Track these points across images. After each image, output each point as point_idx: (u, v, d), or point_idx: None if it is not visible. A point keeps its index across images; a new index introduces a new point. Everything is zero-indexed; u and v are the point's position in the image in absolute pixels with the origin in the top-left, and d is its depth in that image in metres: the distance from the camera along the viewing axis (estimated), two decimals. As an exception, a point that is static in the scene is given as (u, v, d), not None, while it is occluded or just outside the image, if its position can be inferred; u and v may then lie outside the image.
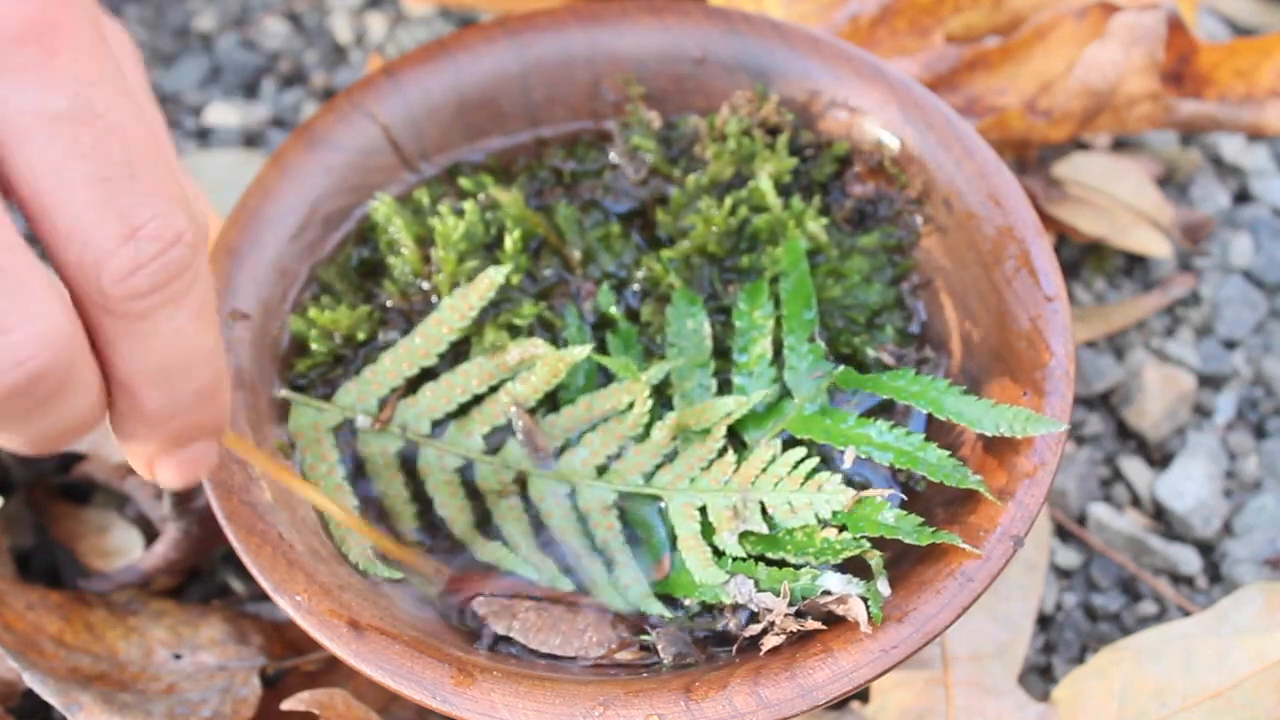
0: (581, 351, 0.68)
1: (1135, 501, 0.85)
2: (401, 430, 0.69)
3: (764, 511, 0.65)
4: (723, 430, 0.68)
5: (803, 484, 0.64)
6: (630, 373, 0.68)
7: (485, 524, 0.69)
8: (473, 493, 0.69)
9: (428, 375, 0.70)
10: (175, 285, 0.47)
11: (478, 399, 0.70)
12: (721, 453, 0.67)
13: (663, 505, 0.68)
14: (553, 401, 0.71)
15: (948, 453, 0.63)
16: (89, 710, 0.67)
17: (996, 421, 0.62)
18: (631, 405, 0.68)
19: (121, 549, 0.80)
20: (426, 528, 0.69)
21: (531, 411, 0.69)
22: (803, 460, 0.65)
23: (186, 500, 0.78)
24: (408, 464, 0.70)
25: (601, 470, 0.69)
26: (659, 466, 0.68)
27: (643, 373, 0.69)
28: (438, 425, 0.70)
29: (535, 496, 0.69)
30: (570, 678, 0.61)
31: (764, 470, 0.66)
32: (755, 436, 0.69)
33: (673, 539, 0.67)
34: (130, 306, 0.46)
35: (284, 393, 0.69)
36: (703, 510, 0.66)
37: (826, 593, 0.60)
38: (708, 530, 0.66)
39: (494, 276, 0.69)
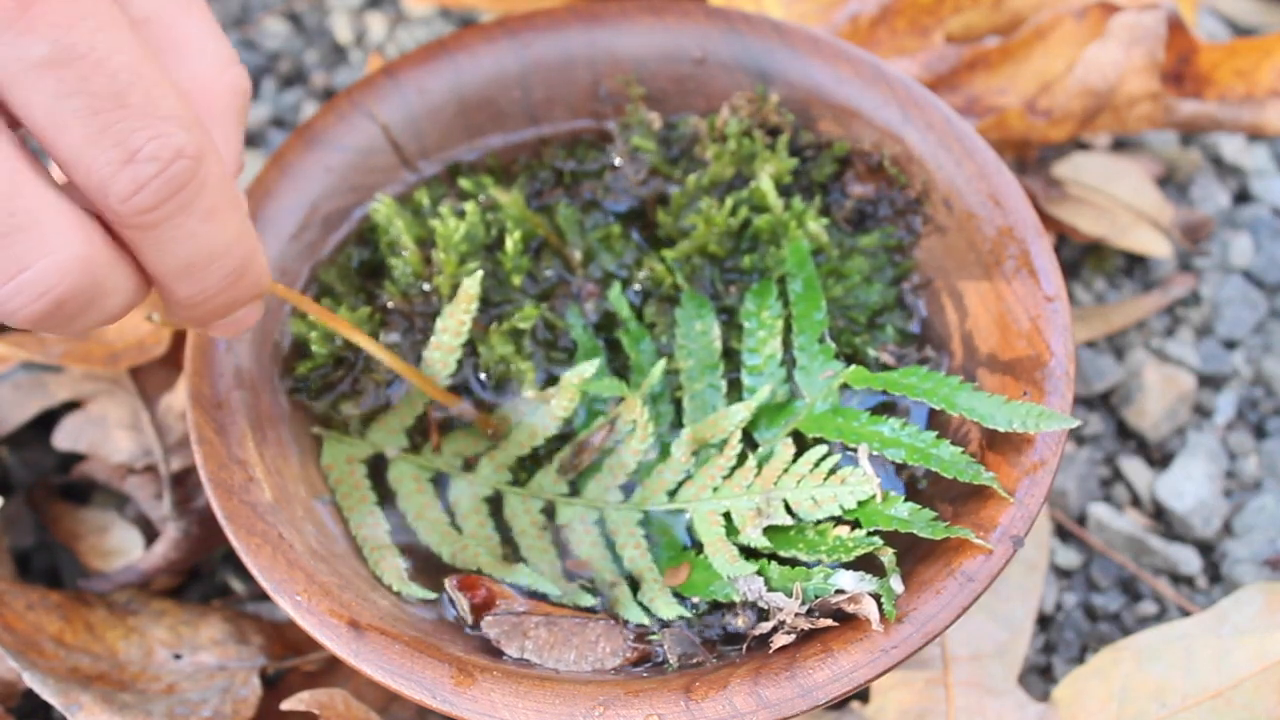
0: (589, 368, 0.69)
1: (1135, 501, 0.85)
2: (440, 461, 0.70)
3: (788, 508, 0.65)
4: (738, 437, 0.68)
5: (825, 479, 0.64)
6: (621, 390, 0.69)
7: (514, 551, 0.69)
8: (500, 522, 0.70)
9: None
10: (180, 196, 0.50)
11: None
12: (741, 459, 0.68)
13: (687, 517, 0.68)
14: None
15: (960, 449, 0.63)
16: (89, 710, 0.67)
17: (1009, 417, 0.62)
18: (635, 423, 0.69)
19: (121, 549, 0.80)
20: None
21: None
22: (824, 458, 0.65)
23: (186, 500, 0.78)
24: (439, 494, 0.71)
25: (627, 490, 0.69)
26: (681, 483, 0.69)
27: (638, 385, 0.69)
28: (468, 459, 0.71)
29: (563, 523, 0.69)
30: (570, 678, 0.61)
31: (785, 471, 0.66)
32: (766, 436, 0.69)
33: (696, 545, 0.67)
34: (141, 220, 0.50)
35: (316, 429, 0.70)
36: (726, 515, 0.66)
37: (840, 591, 0.60)
38: (732, 531, 0.66)
39: (470, 288, 0.69)
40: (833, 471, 0.64)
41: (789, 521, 0.64)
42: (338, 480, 0.69)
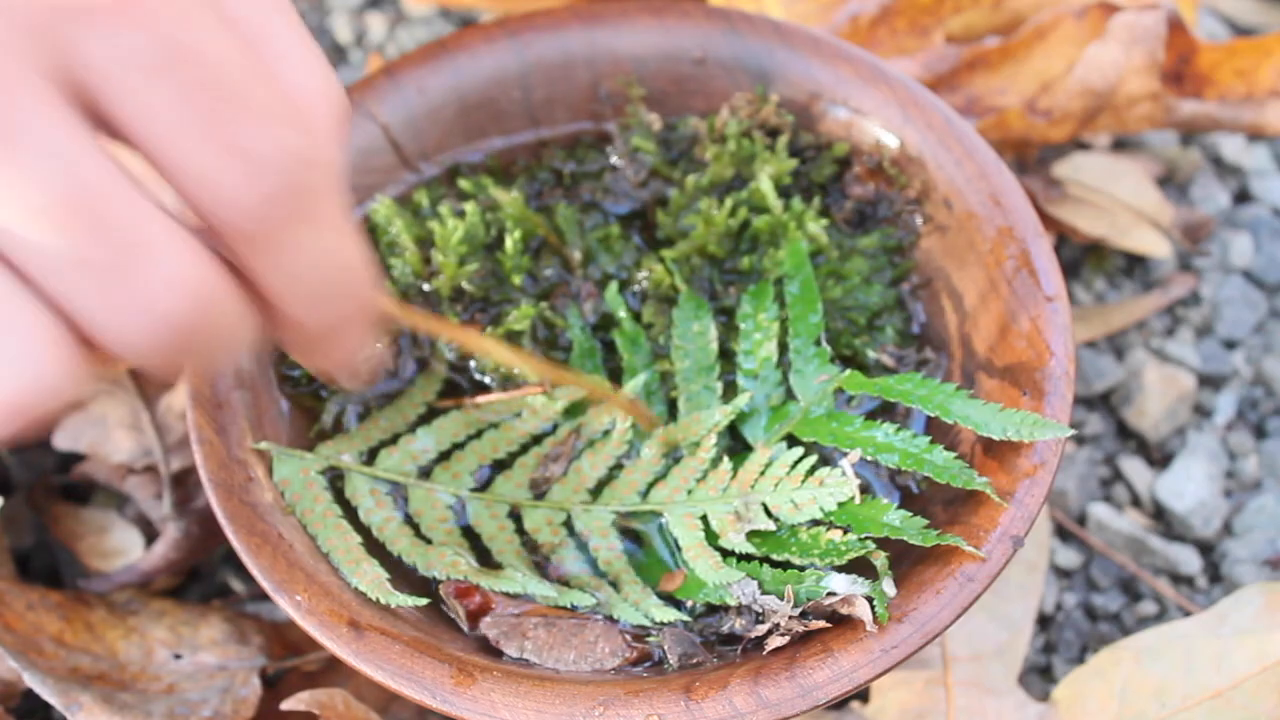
0: (576, 394, 0.69)
1: (1135, 501, 0.85)
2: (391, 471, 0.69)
3: (768, 512, 0.65)
4: (713, 440, 0.67)
5: (804, 481, 0.64)
6: (605, 389, 0.68)
7: (486, 559, 0.68)
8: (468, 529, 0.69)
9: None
10: (297, 203, 0.46)
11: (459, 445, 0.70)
12: (715, 462, 0.67)
13: (664, 520, 0.67)
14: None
15: (953, 454, 0.63)
16: (89, 710, 0.67)
17: (1003, 425, 0.62)
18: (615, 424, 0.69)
19: (121, 549, 0.80)
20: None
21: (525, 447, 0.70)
22: (800, 459, 0.65)
23: (186, 500, 0.78)
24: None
25: (595, 493, 0.69)
26: (653, 483, 0.68)
27: (624, 387, 0.69)
28: (424, 469, 0.69)
29: (531, 528, 0.68)
30: (570, 677, 0.61)
31: (762, 473, 0.66)
32: (760, 439, 0.69)
33: (677, 547, 0.67)
34: (258, 232, 0.46)
35: (264, 444, 0.66)
36: (704, 519, 0.66)
37: (831, 594, 0.60)
38: (711, 536, 0.66)
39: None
40: (811, 473, 0.64)
41: (770, 526, 0.64)
42: (296, 496, 0.66)
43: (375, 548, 0.66)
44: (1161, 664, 0.73)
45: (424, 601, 0.64)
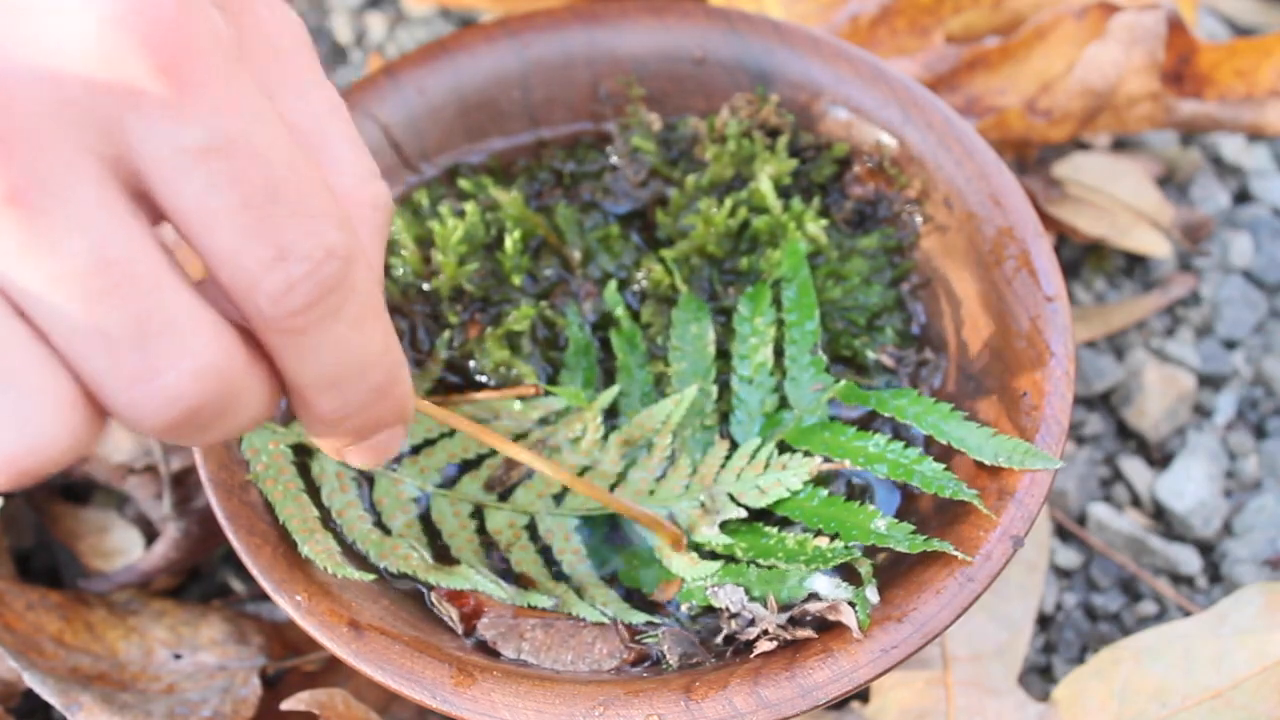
0: (557, 404, 0.69)
1: (1135, 501, 0.85)
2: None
3: (734, 500, 0.65)
4: (668, 438, 0.67)
5: (766, 468, 0.65)
6: (579, 400, 0.68)
7: (445, 556, 0.67)
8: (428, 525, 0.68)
9: None
10: (331, 300, 0.47)
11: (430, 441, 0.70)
12: (673, 459, 0.67)
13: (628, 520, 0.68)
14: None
15: (943, 466, 0.63)
16: (89, 710, 0.67)
17: (995, 451, 0.63)
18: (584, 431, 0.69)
19: (121, 549, 0.80)
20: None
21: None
22: (759, 448, 0.65)
23: (186, 500, 0.78)
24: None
25: (559, 498, 0.68)
26: (614, 486, 0.68)
27: (598, 397, 0.69)
28: (393, 460, 0.69)
29: (493, 529, 0.68)
30: (570, 677, 0.61)
31: (722, 467, 0.66)
32: (751, 446, 0.69)
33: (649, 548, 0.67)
34: (288, 324, 0.47)
35: None
36: (672, 517, 0.66)
37: (814, 595, 0.60)
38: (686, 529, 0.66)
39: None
40: (771, 458, 0.65)
41: (740, 513, 0.65)
42: (262, 466, 0.66)
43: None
44: (1161, 664, 0.73)
45: (371, 577, 0.63)
